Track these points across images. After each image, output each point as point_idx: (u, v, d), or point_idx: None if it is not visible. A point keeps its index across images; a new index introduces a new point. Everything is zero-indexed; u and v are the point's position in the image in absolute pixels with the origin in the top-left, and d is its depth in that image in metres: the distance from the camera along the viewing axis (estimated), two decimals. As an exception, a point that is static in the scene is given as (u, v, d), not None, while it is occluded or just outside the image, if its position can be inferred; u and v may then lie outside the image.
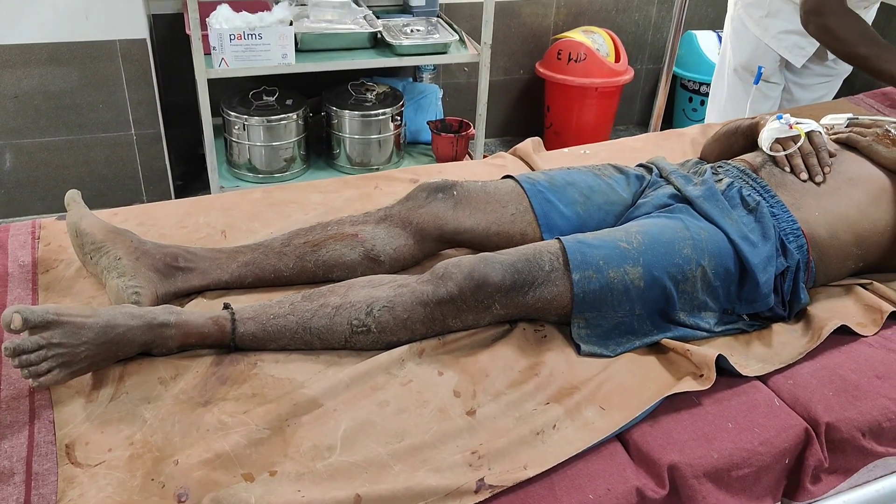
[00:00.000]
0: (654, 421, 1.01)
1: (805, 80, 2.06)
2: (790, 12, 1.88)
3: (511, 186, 1.31)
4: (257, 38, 2.22)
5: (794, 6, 1.85)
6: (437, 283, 1.08)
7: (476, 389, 1.03)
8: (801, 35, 1.89)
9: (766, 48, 1.96)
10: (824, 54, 1.96)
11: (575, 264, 1.10)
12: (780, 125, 1.32)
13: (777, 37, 1.93)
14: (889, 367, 1.11)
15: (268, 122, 2.38)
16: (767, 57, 1.98)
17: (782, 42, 1.93)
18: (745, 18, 1.97)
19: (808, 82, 2.06)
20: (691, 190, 1.25)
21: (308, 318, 1.06)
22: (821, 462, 1.01)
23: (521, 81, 3.15)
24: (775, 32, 1.93)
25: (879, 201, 1.27)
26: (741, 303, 1.16)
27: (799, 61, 1.95)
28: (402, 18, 2.63)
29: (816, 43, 1.91)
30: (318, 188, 1.50)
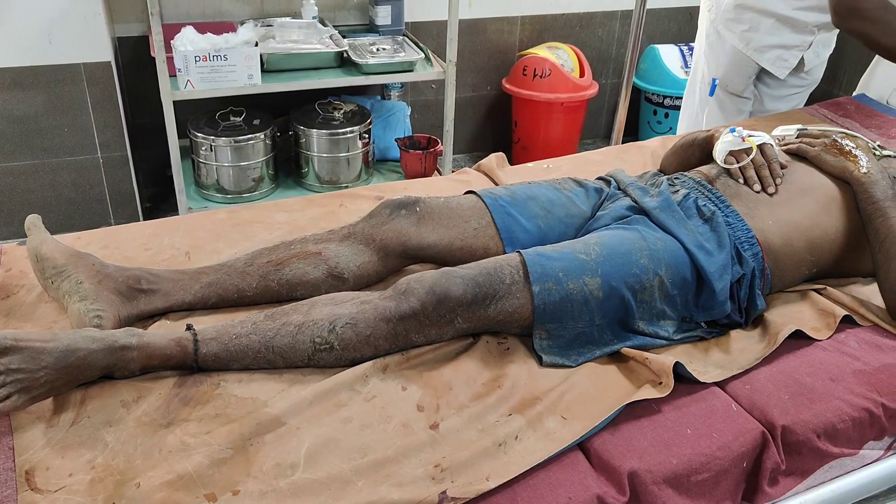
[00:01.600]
0: (614, 429, 1.02)
1: (779, 91, 2.11)
2: (771, 26, 1.93)
3: (473, 202, 1.32)
4: (223, 59, 2.23)
5: (776, 20, 1.92)
6: (400, 298, 1.09)
7: (439, 403, 1.04)
8: (783, 48, 1.96)
9: (745, 60, 2.01)
10: (801, 66, 2.02)
11: (535, 276, 1.11)
12: (734, 138, 1.36)
13: (760, 50, 1.98)
14: (842, 369, 1.14)
15: (235, 143, 2.38)
16: (744, 69, 2.03)
17: (765, 55, 1.99)
18: (724, 33, 2.02)
19: (783, 93, 2.12)
20: (648, 201, 1.27)
21: (270, 337, 1.07)
22: (778, 464, 1.03)
23: (488, 97, 3.18)
24: (758, 46, 1.98)
25: (829, 209, 1.30)
26: (699, 310, 1.19)
27: (782, 73, 2.01)
28: (368, 37, 2.66)
29: (798, 55, 1.97)
30: (283, 207, 1.51)
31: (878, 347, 1.18)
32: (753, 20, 1.95)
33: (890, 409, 1.09)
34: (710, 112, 2.12)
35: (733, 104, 2.09)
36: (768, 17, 1.92)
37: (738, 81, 2.05)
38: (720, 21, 2.01)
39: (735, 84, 2.05)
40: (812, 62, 2.00)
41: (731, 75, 2.04)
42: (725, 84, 2.06)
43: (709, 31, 2.06)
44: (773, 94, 2.11)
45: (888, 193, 1.27)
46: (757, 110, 2.12)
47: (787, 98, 2.12)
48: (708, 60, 2.08)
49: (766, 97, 2.11)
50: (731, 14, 1.98)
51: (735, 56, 2.00)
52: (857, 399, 1.09)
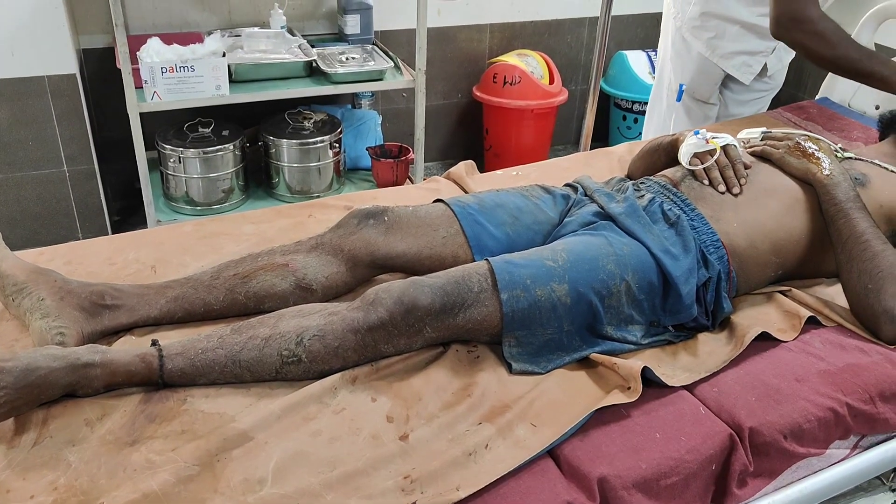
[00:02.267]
0: (583, 435, 1.02)
1: (744, 96, 2.14)
2: (736, 33, 1.96)
3: (442, 210, 1.32)
4: (190, 70, 2.21)
5: (740, 27, 1.95)
6: (368, 309, 1.08)
7: (409, 414, 1.04)
8: (748, 55, 1.99)
9: (711, 67, 2.04)
10: (765, 71, 2.05)
11: (503, 284, 1.11)
12: (698, 140, 1.37)
13: (726, 56, 2.01)
14: (807, 369, 1.15)
15: (204, 154, 2.36)
16: (711, 76, 2.06)
17: (730, 61, 2.01)
18: (690, 40, 2.05)
19: (747, 98, 2.15)
20: (614, 207, 1.28)
21: (237, 351, 1.06)
22: (746, 466, 1.04)
23: (459, 105, 3.19)
24: (724, 52, 2.01)
25: (793, 210, 1.32)
26: (666, 314, 1.20)
27: (747, 79, 2.04)
28: (337, 47, 2.65)
29: (762, 60, 2.01)
30: (250, 219, 1.50)
31: (841, 347, 1.20)
32: (719, 27, 1.98)
33: (854, 408, 1.11)
34: (678, 118, 2.15)
35: (700, 110, 2.12)
36: (733, 24, 1.95)
37: (704, 87, 2.07)
38: (686, 28, 2.04)
39: (702, 90, 2.08)
40: (775, 67, 2.04)
41: (697, 81, 2.07)
42: (692, 90, 2.09)
43: (674, 38, 2.09)
44: (737, 99, 2.14)
45: (850, 195, 1.29)
46: (722, 115, 2.16)
47: (751, 102, 2.15)
48: (674, 66, 2.11)
49: (731, 102, 2.14)
50: (697, 22, 2.00)
51: (702, 63, 2.03)
52: (823, 399, 1.10)
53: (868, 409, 1.12)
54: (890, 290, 1.18)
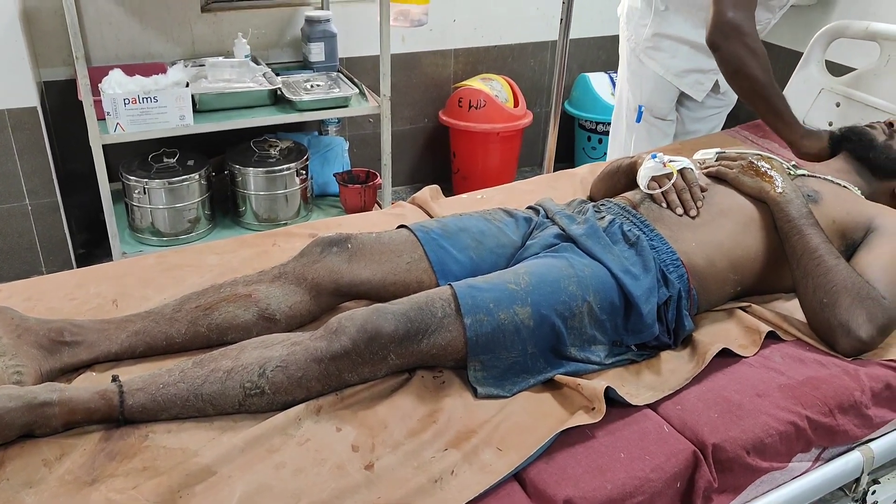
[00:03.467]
0: (549, 457, 1.03)
1: (699, 112, 2.20)
2: (687, 52, 2.03)
3: (405, 236, 1.33)
4: (153, 101, 2.20)
5: (690, 48, 2.01)
6: (331, 338, 1.08)
7: (374, 442, 1.03)
8: (699, 72, 2.05)
9: (666, 86, 2.09)
10: (717, 88, 2.11)
11: (466, 308, 1.12)
12: (655, 163, 1.40)
13: (679, 75, 2.07)
14: (768, 384, 1.17)
15: (169, 185, 2.35)
16: (667, 94, 2.11)
17: (684, 79, 2.07)
18: (645, 60, 2.10)
19: (702, 114, 2.21)
20: (575, 229, 1.30)
21: (199, 385, 1.05)
22: (710, 483, 1.05)
23: (426, 129, 3.21)
24: (677, 71, 2.06)
25: (749, 228, 1.35)
26: (628, 334, 1.21)
27: (700, 95, 2.10)
28: (302, 74, 2.66)
29: (713, 78, 2.07)
30: (213, 249, 1.49)
31: (801, 361, 1.22)
32: (671, 48, 2.03)
33: (814, 421, 1.13)
34: (638, 137, 2.19)
35: (658, 128, 2.16)
36: (684, 44, 2.01)
37: (661, 106, 2.12)
38: (641, 49, 2.09)
39: (659, 108, 2.12)
40: (726, 84, 2.09)
41: (654, 100, 2.12)
42: (650, 108, 2.14)
43: (630, 60, 2.14)
44: (693, 116, 2.20)
45: (803, 211, 1.32)
46: (679, 132, 2.21)
47: (706, 119, 2.21)
48: (632, 87, 2.16)
49: (687, 119, 2.20)
50: (651, 43, 2.05)
51: (657, 82, 2.08)
52: (783, 413, 1.12)
53: (828, 421, 1.14)
54: (844, 304, 1.21)
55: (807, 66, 2.12)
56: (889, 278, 1.25)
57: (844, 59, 2.52)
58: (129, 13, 2.53)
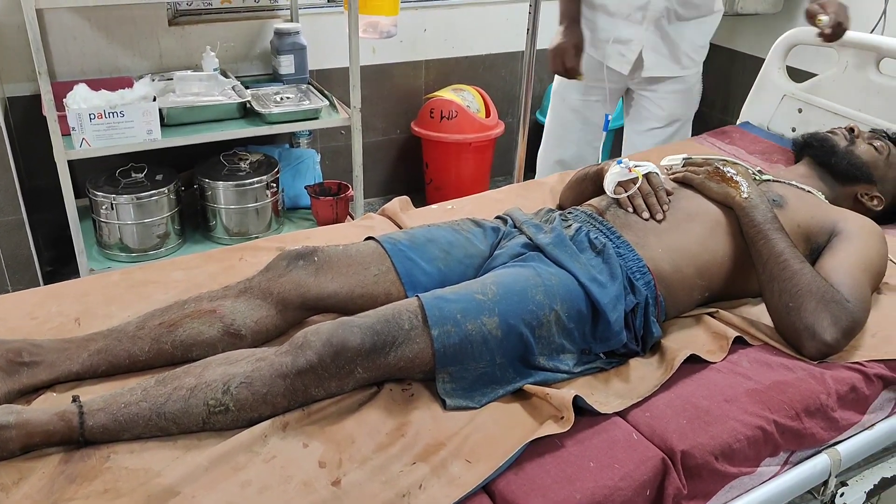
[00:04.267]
0: (518, 468, 1.02)
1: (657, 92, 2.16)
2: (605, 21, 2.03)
3: (373, 248, 1.32)
4: (119, 115, 2.17)
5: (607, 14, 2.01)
6: (296, 352, 1.07)
7: (342, 458, 1.02)
8: (620, 44, 2.04)
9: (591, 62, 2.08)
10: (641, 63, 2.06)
11: (433, 320, 1.11)
12: (621, 169, 1.41)
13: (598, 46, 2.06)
14: (736, 389, 1.17)
15: (137, 200, 2.32)
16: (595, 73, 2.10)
17: (605, 50, 2.06)
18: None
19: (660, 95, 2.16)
20: (542, 238, 1.30)
21: (162, 403, 1.03)
22: (679, 490, 1.04)
23: (398, 140, 3.21)
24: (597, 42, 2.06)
25: (716, 234, 1.36)
26: (596, 342, 1.21)
27: (625, 68, 2.08)
28: (272, 87, 2.65)
29: (636, 49, 2.04)
30: (179, 265, 1.47)
31: (768, 365, 1.22)
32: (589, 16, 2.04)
33: (781, 425, 1.13)
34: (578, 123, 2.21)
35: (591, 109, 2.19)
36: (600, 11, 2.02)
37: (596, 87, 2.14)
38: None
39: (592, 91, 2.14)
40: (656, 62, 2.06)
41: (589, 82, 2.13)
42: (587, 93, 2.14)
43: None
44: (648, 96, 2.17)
45: (768, 216, 1.34)
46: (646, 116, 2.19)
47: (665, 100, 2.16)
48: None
49: (647, 101, 2.16)
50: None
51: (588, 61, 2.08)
52: (751, 418, 1.12)
53: (795, 425, 1.14)
54: (809, 307, 1.22)
55: (768, 73, 2.15)
56: (853, 282, 1.26)
57: (809, 66, 2.57)
58: (94, 27, 2.51)
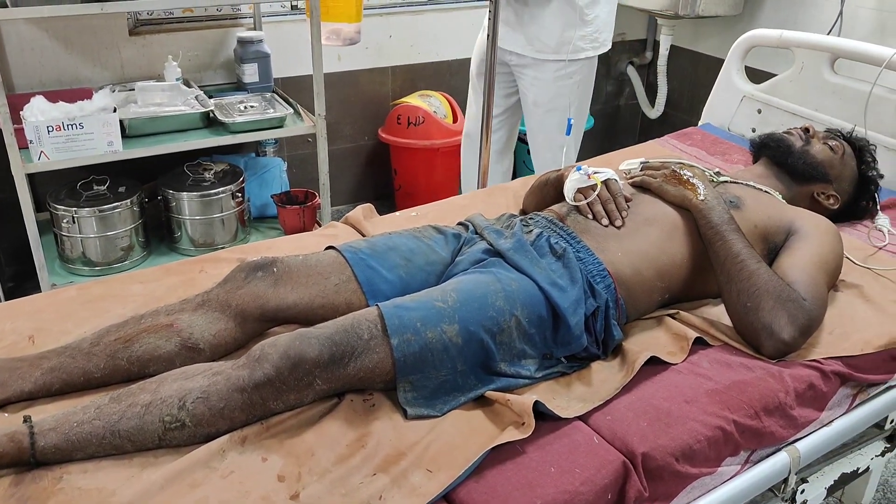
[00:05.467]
0: (479, 476, 1.02)
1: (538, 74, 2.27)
2: None
3: (333, 257, 1.31)
4: (78, 127, 2.14)
5: None
6: (253, 365, 1.05)
7: (301, 471, 1.01)
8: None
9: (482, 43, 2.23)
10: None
11: (392, 329, 1.10)
12: (580, 176, 1.41)
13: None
14: (696, 390, 1.18)
15: (99, 213, 2.28)
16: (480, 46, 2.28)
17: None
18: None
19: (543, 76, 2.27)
20: (502, 243, 1.30)
21: (116, 421, 1.01)
22: (641, 492, 1.05)
23: (366, 147, 3.20)
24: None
25: (674, 236, 1.37)
26: (557, 346, 1.21)
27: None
28: (237, 96, 2.63)
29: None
30: (137, 279, 1.45)
31: (727, 365, 1.23)
32: None
33: (741, 424, 1.14)
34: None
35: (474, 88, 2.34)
36: None
37: (476, 60, 2.30)
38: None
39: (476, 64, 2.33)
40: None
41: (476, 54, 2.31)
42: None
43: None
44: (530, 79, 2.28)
45: (724, 217, 1.35)
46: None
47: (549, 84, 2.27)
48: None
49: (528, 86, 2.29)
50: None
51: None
52: (710, 418, 1.13)
53: (754, 423, 1.15)
54: (767, 307, 1.23)
55: (728, 75, 2.17)
56: (809, 280, 1.28)
57: (769, 66, 2.60)
58: (52, 38, 2.47)
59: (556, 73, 2.25)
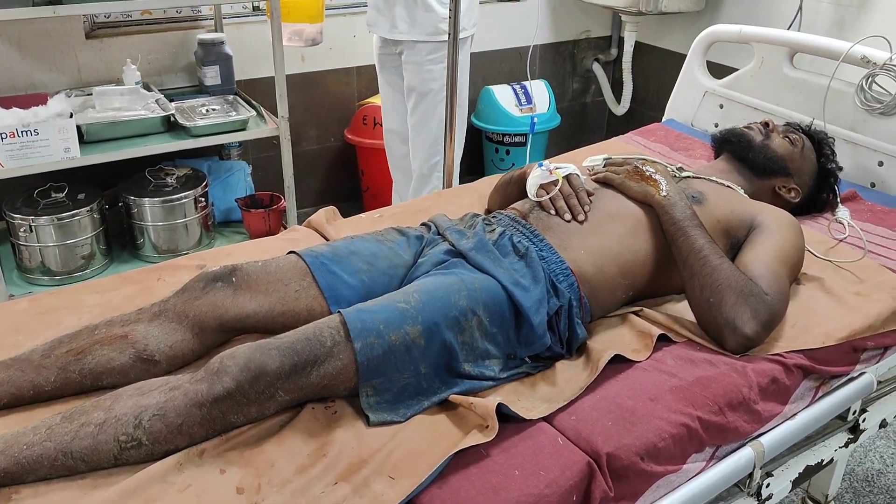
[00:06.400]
0: (443, 481, 1.00)
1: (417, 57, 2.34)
2: None
3: (293, 262, 1.29)
4: (33, 133, 2.09)
5: None
6: (212, 379, 1.02)
7: (261, 482, 0.99)
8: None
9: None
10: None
11: (355, 333, 1.08)
12: (542, 171, 1.41)
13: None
14: (660, 388, 1.18)
15: (58, 221, 2.23)
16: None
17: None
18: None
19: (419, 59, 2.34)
20: (464, 244, 1.28)
21: (68, 442, 0.97)
22: (606, 493, 1.04)
23: (333, 149, 3.17)
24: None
25: (636, 233, 1.36)
26: (521, 346, 1.20)
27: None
28: (198, 99, 2.59)
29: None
30: (93, 288, 1.41)
31: (691, 362, 1.23)
32: None
33: (705, 420, 1.14)
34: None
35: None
36: None
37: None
38: None
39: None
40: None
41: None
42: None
43: None
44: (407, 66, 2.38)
45: (687, 213, 1.35)
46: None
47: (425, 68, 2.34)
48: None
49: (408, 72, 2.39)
50: None
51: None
52: (675, 416, 1.13)
53: (718, 419, 1.15)
54: (729, 302, 1.23)
55: (690, 71, 2.18)
56: (770, 274, 1.28)
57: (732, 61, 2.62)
58: (5, 42, 2.41)
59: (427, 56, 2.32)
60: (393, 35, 2.37)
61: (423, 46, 2.32)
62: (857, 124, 1.84)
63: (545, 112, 3.25)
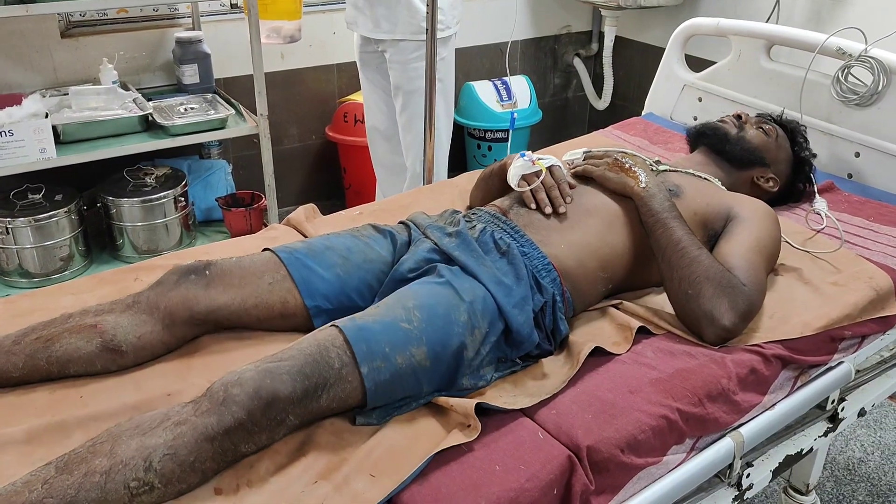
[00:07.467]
0: (423, 479, 1.00)
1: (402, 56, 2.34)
2: None
3: (268, 257, 1.28)
4: (8, 135, 2.07)
5: None
6: (221, 410, 0.97)
7: (239, 483, 0.98)
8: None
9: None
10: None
11: (361, 356, 1.05)
12: (524, 162, 1.40)
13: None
14: (640, 380, 1.18)
15: (35, 222, 2.21)
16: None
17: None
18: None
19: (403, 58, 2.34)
20: (447, 242, 1.28)
21: (73, 496, 0.89)
22: (587, 486, 1.04)
23: (314, 146, 3.16)
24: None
25: (615, 226, 1.37)
26: (511, 349, 1.19)
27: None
28: (177, 98, 2.57)
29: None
30: (69, 290, 1.39)
31: (671, 354, 1.23)
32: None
33: (685, 412, 1.14)
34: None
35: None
36: None
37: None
38: None
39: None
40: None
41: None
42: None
43: None
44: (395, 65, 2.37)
45: (665, 205, 1.35)
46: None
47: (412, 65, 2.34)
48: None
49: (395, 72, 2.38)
50: None
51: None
52: (655, 408, 1.13)
53: (697, 411, 1.15)
54: (708, 293, 1.24)
55: (669, 64, 2.19)
56: (748, 265, 1.29)
57: (710, 54, 2.63)
58: (-22, 42, 2.38)
59: (412, 54, 2.32)
60: (376, 34, 2.35)
61: (406, 45, 2.31)
62: (833, 115, 1.85)
63: (526, 107, 3.26)
